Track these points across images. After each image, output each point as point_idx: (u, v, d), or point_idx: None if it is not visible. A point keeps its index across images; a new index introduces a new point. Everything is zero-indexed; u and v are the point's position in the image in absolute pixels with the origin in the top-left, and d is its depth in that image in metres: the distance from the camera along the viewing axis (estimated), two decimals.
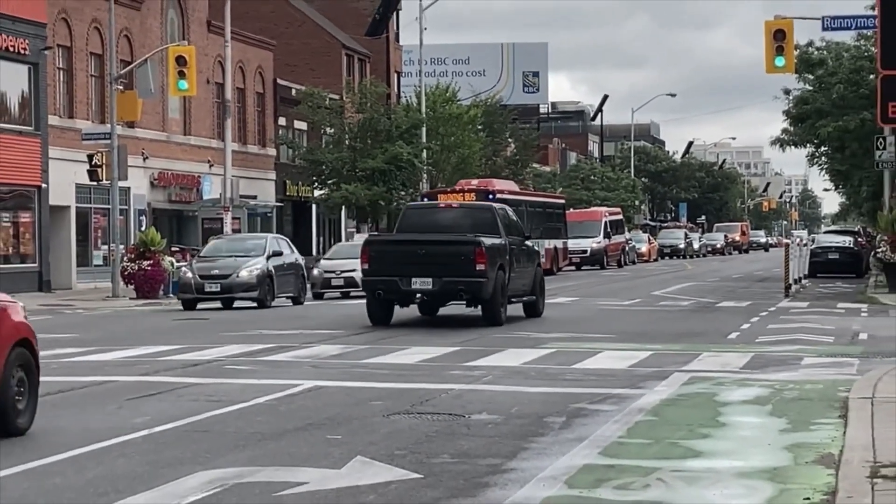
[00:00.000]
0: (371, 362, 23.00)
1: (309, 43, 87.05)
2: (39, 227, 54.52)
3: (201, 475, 12.33)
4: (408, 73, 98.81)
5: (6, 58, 51.90)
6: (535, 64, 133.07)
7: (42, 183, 54.11)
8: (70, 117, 57.05)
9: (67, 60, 57.36)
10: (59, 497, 11.56)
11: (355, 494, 11.52)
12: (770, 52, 41.38)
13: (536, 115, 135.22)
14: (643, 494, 11.35)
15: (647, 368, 21.78)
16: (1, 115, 52.62)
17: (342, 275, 47.30)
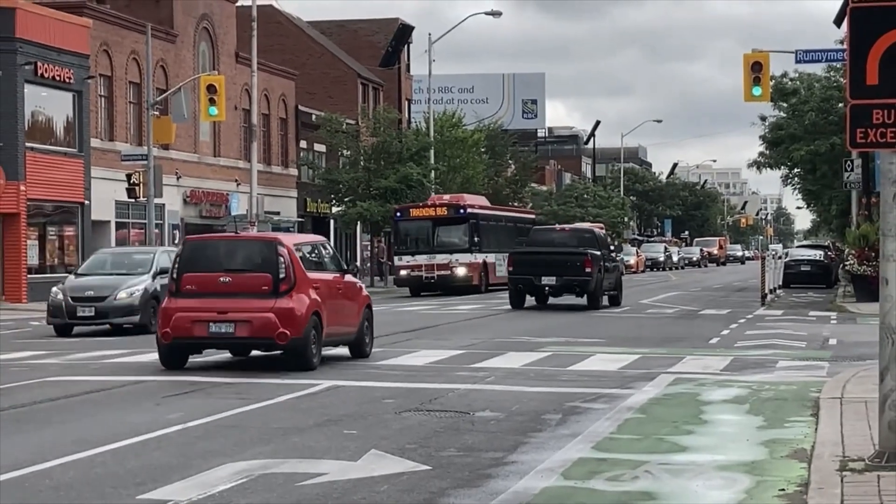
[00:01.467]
0: (383, 364, 23.01)
1: (328, 73, 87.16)
2: (82, 239, 54.52)
3: (230, 466, 12.35)
4: (417, 100, 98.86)
5: (53, 86, 51.96)
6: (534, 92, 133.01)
7: (85, 200, 54.14)
8: (110, 140, 57.09)
9: (108, 88, 57.41)
10: (101, 485, 11.57)
11: (370, 484, 11.53)
12: (748, 83, 41.44)
13: (534, 139, 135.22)
14: (632, 485, 11.36)
15: (636, 370, 21.77)
16: (48, 138, 52.68)
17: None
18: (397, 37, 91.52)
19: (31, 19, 50.69)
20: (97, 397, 18.51)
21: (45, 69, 50.79)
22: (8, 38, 49.11)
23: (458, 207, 59.00)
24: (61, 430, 15.12)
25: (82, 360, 24.60)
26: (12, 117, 49.51)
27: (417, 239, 58.94)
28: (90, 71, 54.33)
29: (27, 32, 50.04)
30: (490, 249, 59.79)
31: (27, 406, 17.54)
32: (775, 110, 64.02)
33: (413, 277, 57.23)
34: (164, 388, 19.24)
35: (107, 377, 21.01)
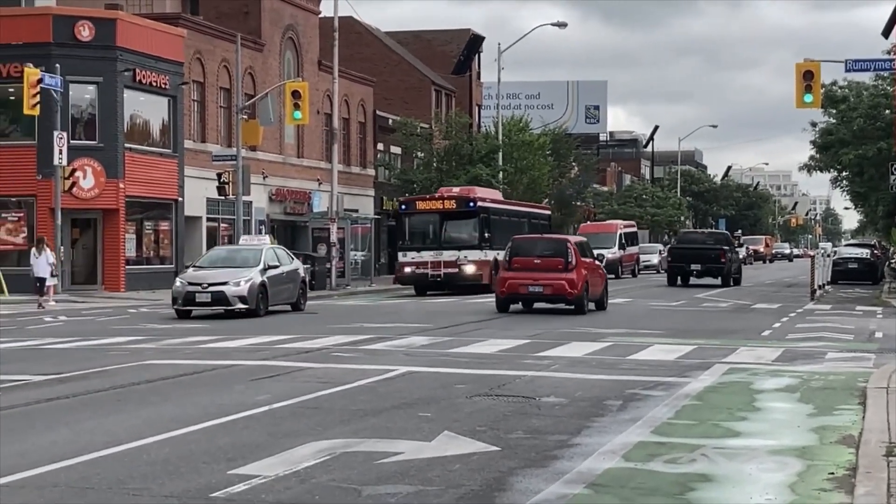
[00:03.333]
0: (455, 352, 23.03)
1: (404, 80, 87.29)
2: (176, 234, 54.99)
3: (313, 445, 12.41)
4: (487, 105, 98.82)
5: (150, 91, 52.43)
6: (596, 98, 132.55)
7: (178, 197, 54.59)
8: (202, 142, 57.49)
9: (201, 94, 57.82)
10: (195, 460, 11.66)
11: (443, 464, 11.54)
12: (800, 90, 41.06)
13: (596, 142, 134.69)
14: (689, 468, 11.32)
15: (692, 360, 21.66)
16: (145, 140, 53.14)
17: (209, 289, 34.63)
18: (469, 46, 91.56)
19: (130, 29, 51.17)
20: (190, 380, 18.67)
21: (142, 75, 51.26)
22: (109, 46, 49.62)
23: (467, 200, 52.26)
24: (157, 410, 15.26)
25: (177, 345, 24.84)
26: (112, 120, 50.02)
27: (424, 234, 52.65)
28: (184, 77, 54.76)
29: (127, 41, 50.53)
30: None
31: (126, 387, 17.72)
32: (825, 116, 63.69)
33: (418, 275, 50.76)
34: (251, 372, 19.36)
35: (199, 361, 21.21)
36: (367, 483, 10.57)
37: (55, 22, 49.18)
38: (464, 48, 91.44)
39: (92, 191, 48.94)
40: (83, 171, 48.17)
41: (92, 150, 49.27)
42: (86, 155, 48.66)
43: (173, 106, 54.21)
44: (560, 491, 10.14)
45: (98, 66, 49.21)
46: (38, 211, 48.44)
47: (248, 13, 63.40)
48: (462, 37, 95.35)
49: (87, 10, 50.99)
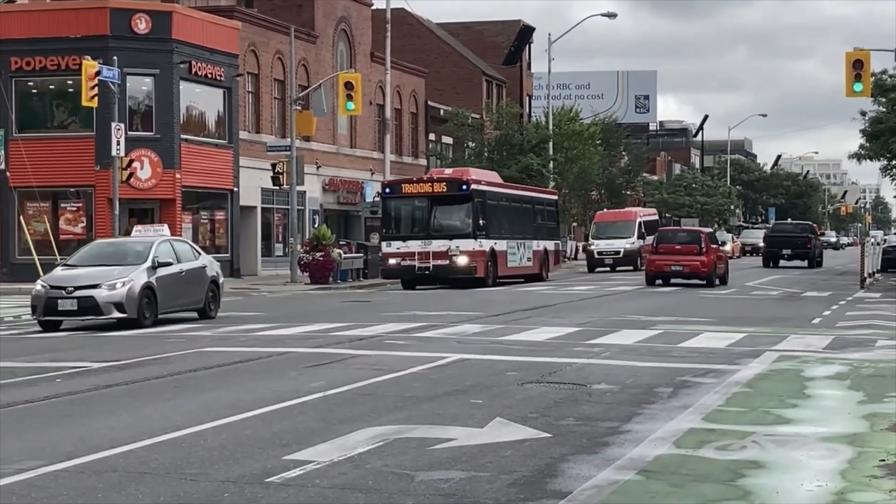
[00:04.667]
0: (506, 339, 23.01)
1: (455, 71, 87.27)
2: (231, 223, 55.29)
3: (367, 431, 12.43)
4: (537, 96, 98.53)
5: (206, 83, 52.69)
6: (646, 88, 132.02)
7: (234, 187, 54.89)
8: (257, 132, 57.74)
9: (255, 85, 58.07)
10: (251, 446, 11.71)
11: (495, 450, 11.53)
12: (849, 79, 40.77)
13: (646, 132, 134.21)
14: (740, 454, 11.25)
15: (742, 348, 21.53)
16: (201, 131, 53.43)
17: (74, 293, 26.36)
18: (519, 37, 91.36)
19: (185, 22, 51.43)
20: (246, 367, 18.76)
21: (198, 67, 51.52)
22: (165, 39, 49.91)
23: (459, 183, 45.50)
24: (214, 396, 15.35)
25: (232, 332, 24.95)
26: (168, 111, 50.32)
27: (411, 221, 46.15)
28: (239, 69, 55.01)
29: (182, 34, 50.79)
30: (500, 235, 47.52)
31: (184, 374, 17.84)
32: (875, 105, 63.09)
33: (404, 267, 44.79)
34: (305, 359, 19.42)
35: (254, 349, 21.30)
36: (419, 469, 10.57)
37: (112, 15, 49.49)
38: (514, 39, 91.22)
39: (149, 181, 49.25)
40: (140, 161, 48.47)
41: (149, 141, 49.58)
42: (143, 146, 48.97)
43: (228, 97, 54.47)
44: (611, 477, 10.11)
45: (154, 59, 49.50)
46: (96, 201, 48.83)
47: (301, 6, 63.57)
48: (512, 28, 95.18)
49: (143, 4, 51.33)
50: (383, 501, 9.34)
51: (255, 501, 9.33)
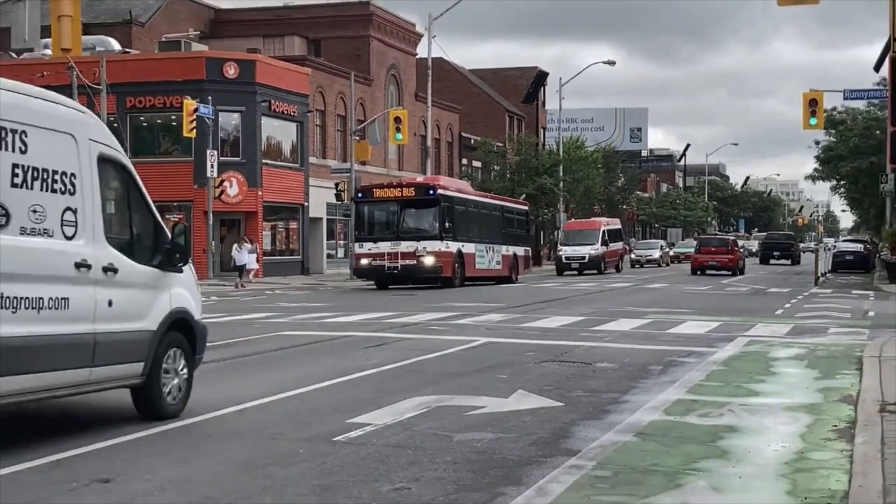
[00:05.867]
0: (525, 326, 22.97)
1: (483, 108, 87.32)
2: (302, 231, 55.45)
3: (413, 400, 12.43)
4: (550, 128, 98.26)
5: (282, 118, 52.88)
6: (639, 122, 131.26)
7: (304, 202, 55.05)
8: (323, 158, 57.89)
9: (322, 119, 58.23)
10: (319, 411, 11.73)
11: (518, 416, 11.50)
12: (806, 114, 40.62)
13: (639, 157, 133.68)
14: (719, 420, 11.19)
15: (719, 333, 21.44)
16: (278, 156, 53.59)
17: None
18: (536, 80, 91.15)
19: (266, 69, 51.62)
20: (315, 347, 18.78)
21: (276, 106, 51.72)
22: (250, 82, 50.11)
23: (426, 188, 40.95)
24: (290, 371, 15.36)
25: (305, 319, 24.99)
26: (252, 141, 50.54)
27: (381, 224, 41.50)
28: (309, 107, 55.17)
29: (264, 78, 51.00)
30: (468, 238, 42.95)
31: (265, 353, 17.87)
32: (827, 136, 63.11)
33: (375, 267, 40.31)
34: (363, 342, 19.43)
35: (322, 332, 21.32)
36: (457, 431, 10.56)
37: (207, 63, 49.73)
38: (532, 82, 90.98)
39: (236, 197, 49.45)
40: (230, 181, 48.68)
41: (236, 165, 49.77)
42: (231, 168, 49.17)
43: (300, 130, 54.65)
44: (613, 438, 10.08)
45: (241, 99, 49.70)
46: (194, 213, 49.06)
47: (359, 55, 63.74)
48: (530, 73, 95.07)
49: (232, 54, 51.57)
50: (428, 457, 9.32)
51: (324, 456, 9.33)
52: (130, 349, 10.58)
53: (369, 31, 64.81)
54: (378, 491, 8.11)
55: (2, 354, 8.77)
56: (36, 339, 9.18)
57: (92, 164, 10.27)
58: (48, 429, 10.49)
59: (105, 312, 10.12)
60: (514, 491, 8.07)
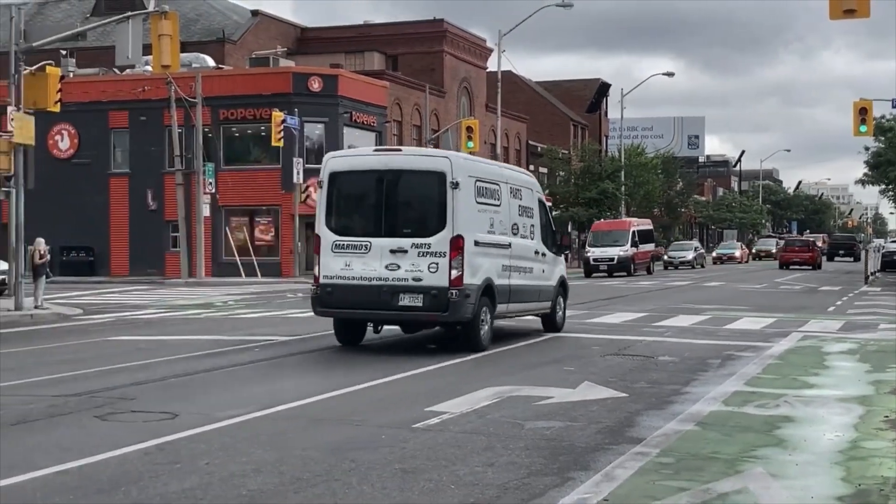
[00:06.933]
0: (590, 321, 22.84)
1: (549, 117, 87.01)
2: None
3: (487, 390, 12.44)
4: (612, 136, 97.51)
5: (363, 128, 53.10)
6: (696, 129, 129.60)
7: None
8: None
9: (399, 129, 58.41)
10: (403, 399, 11.80)
11: (585, 405, 11.48)
12: (856, 122, 39.82)
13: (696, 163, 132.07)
14: (775, 411, 11.06)
15: (774, 329, 21.17)
16: None
17: None
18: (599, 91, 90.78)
19: (347, 82, 51.94)
20: (394, 341, 18.83)
21: (357, 117, 51.99)
22: (333, 95, 50.45)
23: None
24: (371, 363, 15.43)
25: None
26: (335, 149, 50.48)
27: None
28: (387, 118, 55.37)
29: (346, 91, 51.30)
30: None
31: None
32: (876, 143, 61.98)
33: None
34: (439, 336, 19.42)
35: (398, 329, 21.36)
36: (528, 419, 10.56)
37: (294, 78, 50.15)
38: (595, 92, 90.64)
39: None
40: (314, 187, 48.95)
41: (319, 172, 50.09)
42: (316, 175, 49.32)
43: (379, 139, 54.84)
44: (675, 427, 10.00)
45: (325, 110, 50.04)
46: (282, 217, 49.50)
47: (434, 69, 63.87)
48: (593, 84, 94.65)
49: (316, 69, 51.92)
50: (501, 443, 9.33)
51: (405, 442, 9.38)
52: (549, 294, 19.93)
53: (443, 46, 64.92)
54: (456, 474, 8.13)
55: (515, 293, 18.07)
56: (524, 286, 18.53)
57: (536, 203, 19.70)
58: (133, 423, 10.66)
59: (542, 275, 19.58)
60: (583, 476, 8.05)
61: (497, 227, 17.54)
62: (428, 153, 18.63)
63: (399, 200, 16.81)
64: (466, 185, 16.55)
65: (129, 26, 26.37)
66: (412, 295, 16.18)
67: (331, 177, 17.58)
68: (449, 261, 16.08)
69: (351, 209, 17.25)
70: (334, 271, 16.60)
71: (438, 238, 16.18)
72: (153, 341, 18.90)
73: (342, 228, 16.91)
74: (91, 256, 51.27)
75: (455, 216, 16.19)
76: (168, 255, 50.22)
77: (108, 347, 17.97)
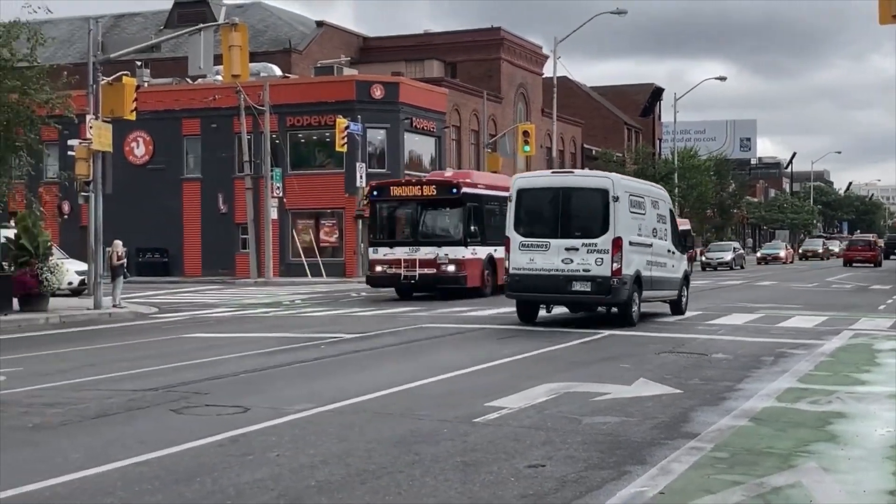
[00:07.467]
0: (643, 320, 22.61)
1: (603, 121, 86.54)
2: None
3: (545, 386, 12.41)
4: (665, 139, 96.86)
5: (423, 133, 53.25)
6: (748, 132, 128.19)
7: None
8: (458, 169, 58.10)
9: (458, 134, 58.46)
10: (460, 395, 11.79)
11: (640, 401, 11.41)
12: None
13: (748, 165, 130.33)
14: (827, 407, 10.91)
15: (826, 327, 20.86)
16: (419, 168, 53.89)
17: None
18: (652, 96, 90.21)
19: (408, 90, 52.10)
20: (455, 338, 18.90)
21: (417, 123, 52.13)
22: (394, 102, 50.64)
23: (450, 186, 31.53)
24: (432, 359, 15.50)
25: (444, 313, 25.13)
26: (396, 154, 51.02)
27: (398, 226, 32.59)
28: (446, 123, 55.45)
29: (406, 98, 51.47)
30: (500, 241, 27.55)
31: (410, 343, 18.07)
32: None
33: (391, 276, 31.39)
34: (498, 333, 19.50)
35: (459, 325, 21.44)
36: (585, 414, 10.52)
37: (357, 86, 50.44)
38: (648, 97, 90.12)
39: None
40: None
41: (382, 176, 50.31)
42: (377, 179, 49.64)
43: (438, 144, 54.96)
44: (729, 423, 9.91)
45: (386, 117, 50.26)
46: (345, 219, 49.79)
47: (491, 76, 63.84)
48: (647, 89, 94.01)
49: (378, 77, 52.17)
50: (560, 437, 9.32)
51: (465, 436, 9.39)
52: (676, 284, 23.77)
53: (500, 54, 64.88)
54: (515, 467, 8.14)
55: (654, 283, 22.05)
56: (660, 277, 22.50)
57: (667, 212, 23.50)
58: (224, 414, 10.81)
59: (672, 269, 23.42)
60: (640, 470, 8.02)
61: (643, 230, 21.74)
62: (594, 174, 22.71)
63: (572, 210, 20.97)
64: (623, 199, 20.79)
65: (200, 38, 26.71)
66: (582, 282, 20.45)
67: (518, 193, 21.47)
68: (611, 256, 20.32)
69: (534, 217, 21.25)
70: (521, 265, 20.96)
71: (603, 239, 20.43)
72: (225, 338, 19.13)
73: (527, 232, 21.14)
74: (165, 258, 52.01)
75: (615, 222, 20.42)
76: (238, 256, 50.77)
77: (182, 344, 18.23)
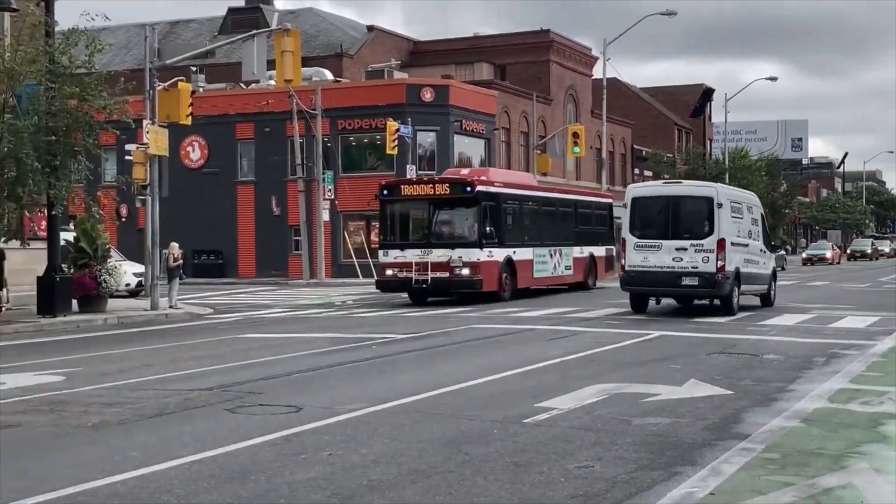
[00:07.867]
0: (694, 321, 22.48)
1: (653, 122, 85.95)
2: None
3: (594, 387, 12.37)
4: (716, 139, 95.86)
5: (472, 135, 53.26)
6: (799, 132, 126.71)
7: None
8: (508, 170, 58.02)
9: (507, 136, 58.40)
10: (510, 396, 11.77)
11: (691, 402, 11.33)
12: None
13: (800, 165, 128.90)
14: (879, 408, 10.75)
15: (878, 328, 20.57)
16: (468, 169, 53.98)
17: None
18: (702, 96, 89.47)
19: (458, 92, 52.14)
20: (505, 338, 18.89)
21: (466, 125, 52.16)
22: (444, 105, 50.71)
23: (463, 185, 29.43)
24: (483, 360, 15.47)
25: (494, 314, 25.12)
26: (446, 156, 51.05)
27: (410, 227, 30.58)
28: (495, 125, 55.41)
29: (456, 101, 51.52)
30: (521, 242, 31.58)
31: (461, 343, 18.09)
32: None
33: (402, 280, 29.35)
34: (548, 334, 19.44)
35: (509, 326, 21.42)
36: (635, 416, 10.47)
37: (407, 89, 50.58)
38: (699, 98, 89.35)
39: None
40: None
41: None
42: None
43: (488, 145, 54.94)
44: (781, 424, 9.81)
45: (436, 119, 50.34)
46: None
47: (540, 78, 63.69)
48: (697, 90, 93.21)
49: (428, 80, 52.28)
50: (609, 438, 9.28)
51: (516, 436, 9.39)
52: (766, 280, 26.54)
53: (549, 56, 64.70)
54: (565, 468, 8.12)
55: (749, 278, 25.01)
56: (754, 273, 25.32)
57: (759, 216, 26.55)
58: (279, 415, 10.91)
59: (763, 266, 26.28)
60: (690, 470, 7.97)
61: (741, 232, 24.55)
62: (701, 184, 26.58)
63: (681, 215, 23.83)
64: (726, 205, 23.68)
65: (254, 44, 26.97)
66: (691, 278, 23.32)
67: (633, 201, 24.41)
68: (716, 255, 23.16)
69: (646, 222, 24.06)
70: (636, 262, 23.86)
71: (709, 240, 23.28)
72: (278, 339, 19.28)
73: (641, 234, 23.96)
74: (220, 259, 52.54)
75: (719, 226, 23.30)
76: (291, 258, 51.14)
77: (237, 344, 18.41)
